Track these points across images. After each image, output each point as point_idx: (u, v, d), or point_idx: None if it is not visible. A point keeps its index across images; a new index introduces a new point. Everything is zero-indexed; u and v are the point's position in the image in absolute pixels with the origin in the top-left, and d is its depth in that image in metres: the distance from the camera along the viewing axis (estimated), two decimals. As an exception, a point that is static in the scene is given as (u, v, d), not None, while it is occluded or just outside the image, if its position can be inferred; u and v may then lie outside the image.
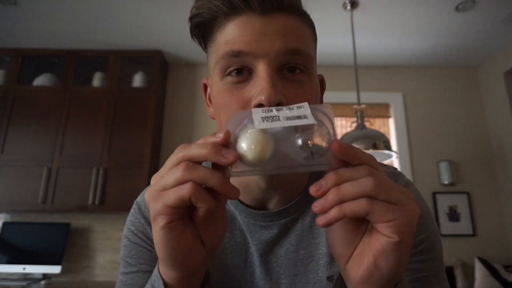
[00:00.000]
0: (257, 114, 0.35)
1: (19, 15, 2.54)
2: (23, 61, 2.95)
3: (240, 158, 0.33)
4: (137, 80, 2.92)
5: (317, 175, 0.55)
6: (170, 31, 2.71)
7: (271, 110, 0.35)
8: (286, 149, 0.33)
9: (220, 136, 0.33)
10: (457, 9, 2.41)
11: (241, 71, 0.46)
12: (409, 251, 0.32)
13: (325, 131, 0.33)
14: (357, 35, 2.60)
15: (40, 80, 2.90)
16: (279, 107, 0.36)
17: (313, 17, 0.53)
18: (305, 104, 0.35)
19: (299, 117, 0.34)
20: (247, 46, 0.44)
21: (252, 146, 0.32)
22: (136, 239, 0.55)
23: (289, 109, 0.35)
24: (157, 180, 0.35)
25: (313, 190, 0.32)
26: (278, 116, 0.34)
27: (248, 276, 0.53)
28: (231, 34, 0.46)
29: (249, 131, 0.33)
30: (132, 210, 0.59)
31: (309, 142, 0.33)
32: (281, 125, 0.33)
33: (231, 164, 0.32)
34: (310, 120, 0.33)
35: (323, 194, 0.32)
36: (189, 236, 0.35)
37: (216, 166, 0.34)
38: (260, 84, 0.43)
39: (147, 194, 0.35)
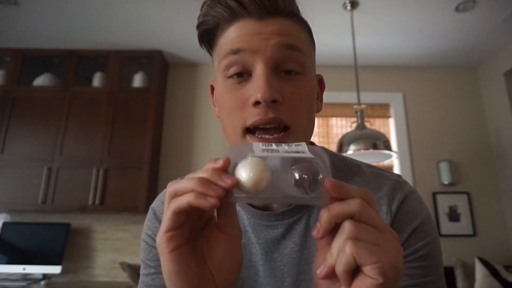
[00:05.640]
0: (257, 146, 0.37)
1: (19, 15, 2.54)
2: (23, 61, 2.95)
3: (237, 184, 0.34)
4: (137, 80, 2.92)
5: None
6: (170, 31, 2.71)
7: (271, 145, 0.38)
8: (283, 181, 0.35)
9: (220, 163, 0.35)
10: (457, 9, 2.41)
11: (241, 74, 0.50)
12: None
13: (319, 168, 0.35)
14: (357, 35, 2.60)
15: (40, 80, 2.90)
16: (279, 143, 0.38)
17: (313, 17, 0.55)
18: (303, 143, 0.38)
19: (297, 152, 0.36)
20: (244, 44, 0.49)
21: (250, 174, 0.34)
22: (154, 243, 0.59)
23: (288, 145, 0.38)
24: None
25: (314, 234, 0.34)
26: (278, 150, 0.37)
27: (253, 275, 0.55)
28: (231, 35, 0.51)
29: (248, 159, 0.35)
30: (148, 215, 0.64)
31: (304, 176, 0.34)
32: (280, 156, 0.36)
33: (229, 188, 0.34)
34: (308, 155, 0.36)
35: (324, 235, 0.34)
36: (196, 267, 0.37)
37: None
38: (256, 83, 0.48)
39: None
